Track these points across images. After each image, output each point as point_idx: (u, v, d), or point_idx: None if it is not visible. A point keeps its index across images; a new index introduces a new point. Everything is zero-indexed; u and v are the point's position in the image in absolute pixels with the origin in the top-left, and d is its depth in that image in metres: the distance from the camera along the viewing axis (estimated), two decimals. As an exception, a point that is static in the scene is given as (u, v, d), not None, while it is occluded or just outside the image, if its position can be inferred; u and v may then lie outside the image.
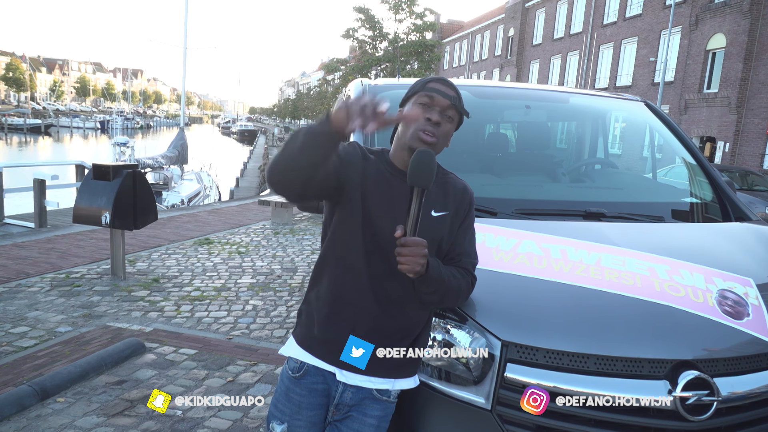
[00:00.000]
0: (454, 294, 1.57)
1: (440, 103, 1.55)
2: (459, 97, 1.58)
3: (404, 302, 1.57)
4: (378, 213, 1.52)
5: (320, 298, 1.61)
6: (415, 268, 1.39)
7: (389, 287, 1.55)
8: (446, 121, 1.56)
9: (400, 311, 1.57)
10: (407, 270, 1.40)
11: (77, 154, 41.78)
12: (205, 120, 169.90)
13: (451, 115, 1.57)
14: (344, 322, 1.56)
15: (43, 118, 75.56)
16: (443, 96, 1.55)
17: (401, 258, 1.39)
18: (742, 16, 20.31)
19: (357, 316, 1.56)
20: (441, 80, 1.61)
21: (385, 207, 1.53)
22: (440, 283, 1.50)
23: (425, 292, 1.52)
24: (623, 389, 1.58)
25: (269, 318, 4.90)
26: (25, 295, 5.10)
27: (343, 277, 1.57)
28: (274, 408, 1.65)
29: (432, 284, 1.49)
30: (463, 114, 1.61)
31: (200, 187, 19.06)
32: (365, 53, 26.73)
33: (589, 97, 3.51)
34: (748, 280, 1.97)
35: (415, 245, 1.37)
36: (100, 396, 3.31)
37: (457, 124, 1.62)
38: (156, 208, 6.08)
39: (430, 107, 1.55)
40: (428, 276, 1.45)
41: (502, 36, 41.65)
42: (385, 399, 1.61)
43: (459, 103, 1.58)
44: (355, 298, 1.55)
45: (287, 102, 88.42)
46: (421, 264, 1.39)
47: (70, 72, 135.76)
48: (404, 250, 1.38)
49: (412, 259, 1.38)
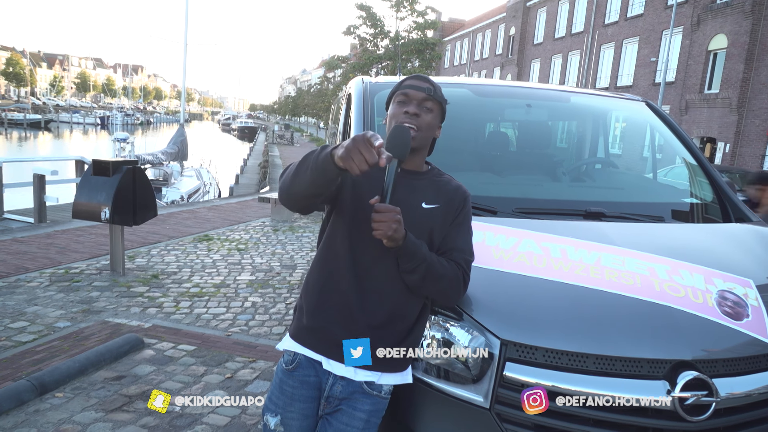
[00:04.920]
0: (438, 279, 1.57)
1: (415, 97, 1.65)
2: (434, 87, 1.67)
3: (391, 290, 1.59)
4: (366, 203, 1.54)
5: (309, 289, 1.66)
6: (387, 232, 1.44)
7: (376, 275, 1.58)
8: (425, 112, 1.65)
9: (388, 299, 1.59)
10: (381, 235, 1.45)
11: (77, 149, 41.78)
12: (206, 117, 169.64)
13: (429, 107, 1.66)
14: (331, 309, 1.59)
15: (43, 114, 75.54)
16: (417, 89, 1.65)
17: (375, 224, 1.45)
18: (744, 16, 20.29)
19: (343, 303, 1.58)
20: (415, 77, 1.71)
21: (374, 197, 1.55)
22: (420, 260, 1.53)
23: (406, 270, 1.55)
24: (622, 389, 1.58)
25: (268, 315, 4.90)
26: (25, 290, 5.10)
27: (331, 266, 1.62)
28: (269, 401, 1.70)
29: (412, 259, 1.52)
30: (442, 102, 1.69)
31: (200, 184, 19.07)
32: (366, 51, 26.68)
33: (590, 97, 3.50)
34: (748, 281, 1.97)
35: (388, 211, 1.43)
36: (98, 391, 3.31)
37: (440, 115, 1.70)
38: (155, 205, 6.08)
39: (407, 102, 1.65)
40: (405, 247, 1.50)
41: (503, 35, 41.60)
42: (376, 394, 1.62)
43: (435, 93, 1.66)
44: (342, 286, 1.58)
45: (288, 99, 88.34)
46: (393, 229, 1.44)
47: (70, 67, 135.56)
48: (378, 215, 1.44)
49: (385, 224, 1.43)
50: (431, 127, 1.66)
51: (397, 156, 1.46)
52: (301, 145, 42.87)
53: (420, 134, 1.62)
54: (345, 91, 3.71)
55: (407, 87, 1.66)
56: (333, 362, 1.60)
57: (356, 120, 2.66)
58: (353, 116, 2.72)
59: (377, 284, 1.58)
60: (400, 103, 1.66)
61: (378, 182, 1.53)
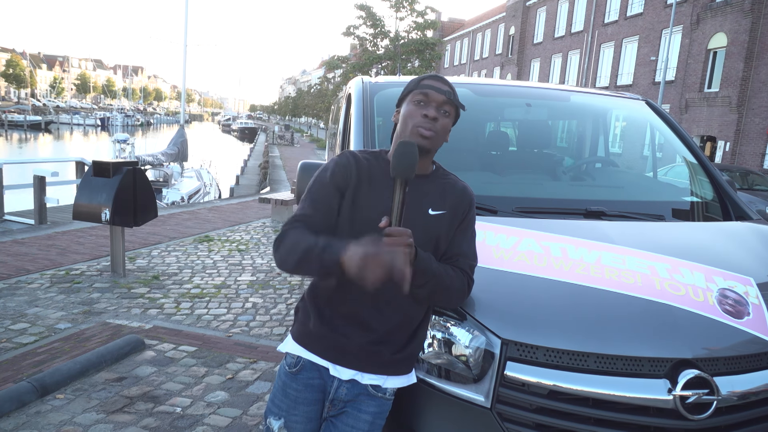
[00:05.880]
0: (445, 291, 1.56)
1: (435, 99, 1.57)
2: (453, 91, 1.60)
3: (398, 298, 1.56)
4: (370, 210, 1.53)
5: (317, 294, 1.63)
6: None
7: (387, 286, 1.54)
8: (443, 116, 1.58)
9: (394, 307, 1.57)
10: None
11: (77, 151, 41.77)
12: (206, 117, 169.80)
13: (447, 110, 1.59)
14: (341, 317, 1.58)
15: (44, 115, 75.56)
16: (438, 92, 1.57)
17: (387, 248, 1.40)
18: (744, 15, 20.29)
19: (354, 312, 1.56)
20: (434, 77, 1.63)
21: (378, 204, 1.53)
22: (430, 276, 1.50)
23: (415, 285, 1.51)
24: (623, 388, 1.58)
25: (269, 315, 4.90)
26: (25, 291, 5.10)
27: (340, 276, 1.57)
28: (272, 403, 1.67)
29: (421, 277, 1.49)
30: (459, 107, 1.63)
31: (200, 185, 19.07)
32: (366, 51, 26.70)
33: (590, 96, 3.50)
34: (749, 279, 1.96)
35: (399, 235, 1.37)
36: (99, 393, 3.31)
37: (454, 118, 1.64)
38: (156, 206, 6.08)
39: (426, 104, 1.57)
40: (416, 266, 1.45)
41: (502, 34, 41.60)
42: (381, 396, 1.61)
43: (454, 97, 1.60)
44: (353, 296, 1.55)
45: (288, 100, 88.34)
46: (405, 253, 1.40)
47: (70, 69, 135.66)
48: (389, 239, 1.38)
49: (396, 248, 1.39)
50: (446, 132, 1.60)
51: (405, 177, 1.39)
52: (301, 146, 42.87)
53: (435, 138, 1.56)
54: (345, 92, 3.71)
55: (428, 87, 1.57)
56: (340, 368, 1.58)
57: (356, 120, 2.66)
58: (353, 116, 2.72)
59: (388, 294, 1.53)
60: (418, 104, 1.57)
61: (377, 195, 1.52)
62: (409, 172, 1.39)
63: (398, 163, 1.39)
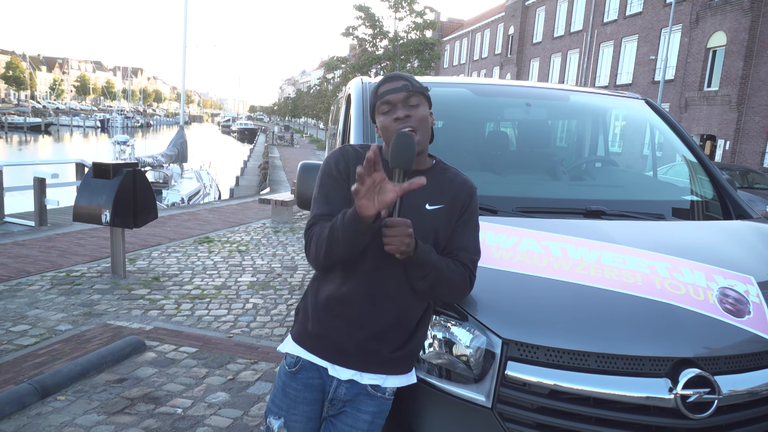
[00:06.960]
0: (446, 284, 1.56)
1: (397, 100, 1.58)
2: (410, 80, 1.61)
3: (397, 296, 1.57)
4: None
5: (314, 294, 1.64)
6: (400, 247, 1.41)
7: (382, 281, 1.56)
8: (413, 110, 1.59)
9: (395, 304, 1.57)
10: (393, 250, 1.42)
11: (77, 152, 41.76)
12: (205, 119, 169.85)
13: (414, 102, 1.60)
14: (337, 315, 1.58)
15: (43, 117, 75.54)
16: (395, 92, 1.59)
17: (387, 239, 1.42)
18: (743, 13, 20.29)
19: (350, 309, 1.57)
20: (387, 79, 1.64)
21: None
22: (430, 268, 1.50)
23: (416, 277, 1.53)
24: (624, 387, 1.58)
25: (269, 316, 4.90)
26: (26, 293, 5.10)
27: (337, 273, 1.59)
28: (272, 403, 1.68)
29: (421, 268, 1.50)
30: (423, 92, 1.63)
31: (200, 186, 19.06)
32: (365, 51, 26.68)
33: (589, 95, 3.49)
34: (749, 277, 1.96)
35: (399, 225, 1.40)
36: (100, 394, 3.31)
37: (428, 103, 1.65)
38: (156, 207, 6.08)
39: (392, 109, 1.59)
40: (416, 257, 1.47)
41: (502, 34, 41.60)
42: (380, 395, 1.61)
43: (413, 86, 1.60)
44: (348, 292, 1.56)
45: (287, 100, 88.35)
46: (406, 243, 1.41)
47: (70, 70, 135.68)
48: (389, 231, 1.40)
49: (397, 239, 1.40)
50: (425, 120, 1.61)
51: (404, 167, 1.42)
52: (301, 147, 42.85)
53: (420, 131, 1.58)
54: (344, 92, 3.71)
55: (385, 94, 1.60)
56: (339, 368, 1.59)
57: (356, 120, 2.66)
58: (353, 117, 2.72)
59: (385, 290, 1.56)
60: (386, 113, 1.59)
61: None
62: (407, 163, 1.42)
63: (397, 154, 1.42)
